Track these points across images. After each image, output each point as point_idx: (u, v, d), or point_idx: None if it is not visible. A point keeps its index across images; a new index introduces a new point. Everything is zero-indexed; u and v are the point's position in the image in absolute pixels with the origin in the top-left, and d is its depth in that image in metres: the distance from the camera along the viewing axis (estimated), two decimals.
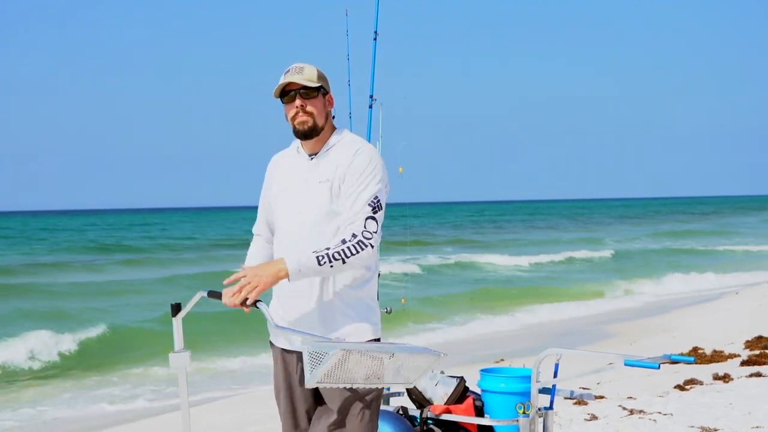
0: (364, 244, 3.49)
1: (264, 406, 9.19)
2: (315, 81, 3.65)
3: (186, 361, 4.00)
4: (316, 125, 3.65)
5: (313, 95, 3.67)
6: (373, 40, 5.48)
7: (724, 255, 32.44)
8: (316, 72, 3.68)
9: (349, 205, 3.57)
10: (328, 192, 3.60)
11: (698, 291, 21.40)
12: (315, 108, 3.66)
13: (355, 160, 3.61)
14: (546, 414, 4.67)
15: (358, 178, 3.59)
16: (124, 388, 11.20)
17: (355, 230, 3.50)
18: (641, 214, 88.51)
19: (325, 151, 3.69)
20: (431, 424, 4.71)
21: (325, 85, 3.71)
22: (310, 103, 3.66)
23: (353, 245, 3.46)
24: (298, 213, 3.66)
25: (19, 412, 9.96)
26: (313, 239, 3.57)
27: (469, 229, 60.65)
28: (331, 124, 3.74)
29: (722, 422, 7.00)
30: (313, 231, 3.60)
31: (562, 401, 7.87)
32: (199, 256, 36.04)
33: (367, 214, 3.54)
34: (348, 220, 3.55)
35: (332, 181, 3.61)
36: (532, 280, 25.83)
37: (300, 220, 3.64)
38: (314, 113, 3.65)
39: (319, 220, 3.60)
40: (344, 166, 3.61)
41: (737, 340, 11.95)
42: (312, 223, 3.61)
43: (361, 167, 3.61)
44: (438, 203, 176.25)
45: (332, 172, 3.62)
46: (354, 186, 3.58)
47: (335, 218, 3.59)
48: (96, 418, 9.52)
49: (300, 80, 3.63)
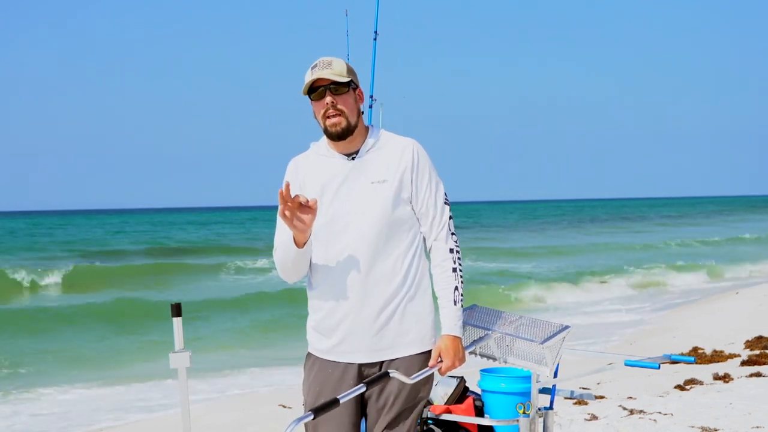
0: (459, 249, 3.52)
1: (264, 406, 9.19)
2: (345, 75, 3.41)
3: (186, 360, 4.01)
4: (349, 124, 3.41)
5: (344, 91, 3.42)
6: (373, 40, 5.48)
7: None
8: (345, 66, 3.44)
9: (431, 213, 3.48)
10: (389, 192, 3.41)
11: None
12: (346, 105, 3.41)
13: (418, 160, 3.46)
14: (546, 414, 4.67)
15: (428, 181, 3.47)
16: (125, 387, 11.19)
17: (450, 244, 3.48)
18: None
19: (367, 150, 3.48)
20: (431, 424, 4.71)
21: (355, 79, 3.47)
22: (341, 100, 3.41)
23: (459, 262, 3.50)
24: (361, 215, 3.41)
25: (18, 409, 9.95)
26: (380, 242, 3.41)
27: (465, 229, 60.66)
28: (362, 121, 3.52)
29: (722, 422, 7.00)
30: (381, 233, 3.41)
31: (562, 401, 7.87)
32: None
33: (449, 217, 3.51)
34: (437, 229, 3.49)
35: (390, 180, 3.42)
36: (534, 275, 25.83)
37: (361, 225, 3.41)
38: (345, 111, 3.41)
39: (385, 221, 3.41)
40: (401, 165, 3.44)
41: (737, 340, 11.96)
42: (377, 227, 3.41)
43: (425, 167, 3.48)
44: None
45: (385, 171, 3.43)
46: (427, 190, 3.47)
47: (405, 216, 3.44)
48: (96, 418, 9.51)
49: (329, 75, 3.36)
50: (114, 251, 38.22)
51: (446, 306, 3.44)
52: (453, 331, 3.43)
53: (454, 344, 3.44)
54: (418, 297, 3.48)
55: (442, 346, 3.44)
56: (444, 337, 3.44)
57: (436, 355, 3.44)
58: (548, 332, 4.04)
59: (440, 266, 3.47)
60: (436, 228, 3.48)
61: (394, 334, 3.45)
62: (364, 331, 3.45)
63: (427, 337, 3.52)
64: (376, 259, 3.41)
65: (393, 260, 3.43)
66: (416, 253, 3.48)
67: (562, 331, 4.09)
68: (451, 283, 3.45)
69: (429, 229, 3.49)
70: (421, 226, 3.51)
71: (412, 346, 3.48)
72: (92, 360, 13.48)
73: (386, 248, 3.42)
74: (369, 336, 3.45)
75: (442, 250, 3.46)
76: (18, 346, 14.50)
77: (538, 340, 3.95)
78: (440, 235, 3.47)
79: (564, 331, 4.10)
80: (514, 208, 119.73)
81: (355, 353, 3.48)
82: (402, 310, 3.45)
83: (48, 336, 15.64)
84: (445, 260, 3.46)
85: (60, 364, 13.03)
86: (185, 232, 56.24)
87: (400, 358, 3.48)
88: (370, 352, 3.47)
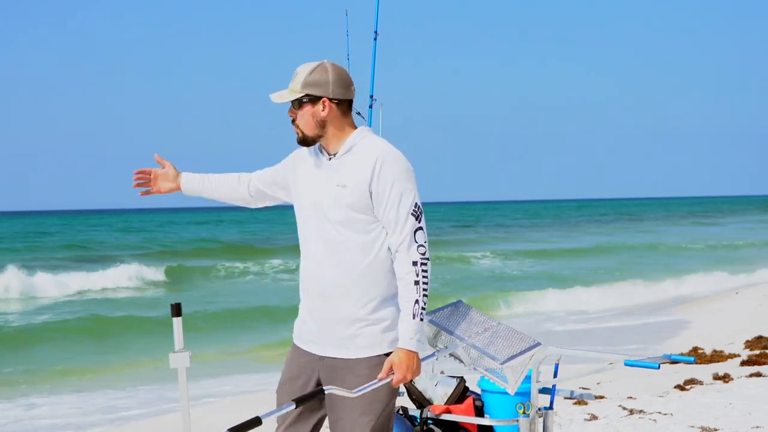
0: (425, 261, 3.50)
1: (264, 406, 9.19)
2: (298, 90, 3.53)
3: (186, 360, 4.00)
4: (306, 137, 3.57)
5: (299, 106, 3.56)
6: (373, 40, 5.48)
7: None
8: (303, 78, 3.53)
9: (393, 223, 3.50)
10: (347, 197, 3.51)
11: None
12: (301, 119, 3.56)
13: (380, 171, 3.49)
14: (546, 414, 4.67)
15: (390, 192, 3.49)
16: (125, 387, 11.19)
17: (413, 257, 3.47)
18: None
19: (343, 153, 3.57)
20: (431, 424, 4.71)
21: (316, 90, 3.53)
22: (298, 114, 3.57)
23: (422, 274, 3.48)
24: (320, 214, 3.58)
25: (11, 409, 9.96)
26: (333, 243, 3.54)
27: (467, 228, 60.66)
28: (341, 125, 3.57)
29: (722, 422, 7.00)
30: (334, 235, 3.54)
31: (562, 401, 7.87)
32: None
33: (414, 228, 3.49)
34: (398, 241, 3.49)
35: (349, 187, 3.51)
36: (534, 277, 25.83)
37: (320, 223, 3.58)
38: (300, 125, 3.57)
39: (339, 224, 3.53)
40: (364, 174, 3.49)
41: (737, 340, 11.96)
42: (331, 228, 3.55)
43: (388, 179, 3.49)
44: (438, 203, 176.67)
45: (351, 177, 3.52)
46: (387, 201, 3.49)
47: (355, 224, 3.51)
48: (95, 418, 9.52)
49: (276, 98, 3.57)
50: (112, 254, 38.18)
51: (404, 319, 3.47)
52: (407, 345, 3.46)
53: (407, 358, 3.46)
54: (369, 303, 3.53)
55: (395, 359, 3.46)
56: (398, 350, 3.47)
57: (387, 367, 3.47)
58: (516, 349, 4.01)
59: (402, 279, 3.49)
60: (396, 239, 3.50)
61: (341, 336, 3.56)
62: (315, 322, 3.63)
63: (376, 343, 3.54)
64: (330, 260, 3.54)
65: (346, 264, 3.52)
66: (374, 260, 3.52)
67: (529, 350, 4.06)
68: (411, 297, 3.46)
69: (391, 240, 3.51)
70: (388, 236, 3.55)
71: (360, 350, 3.55)
72: (92, 360, 13.48)
73: (338, 250, 3.53)
74: (322, 330, 3.61)
75: (405, 263, 3.49)
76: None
77: (500, 359, 3.94)
78: (401, 246, 3.49)
79: (533, 349, 4.07)
80: (517, 208, 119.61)
81: (310, 343, 3.66)
82: (345, 311, 3.54)
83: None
84: (408, 273, 3.48)
85: (56, 368, 13.02)
86: (184, 232, 56.25)
87: (349, 359, 3.56)
88: (323, 346, 3.61)
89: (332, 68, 3.55)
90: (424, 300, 3.46)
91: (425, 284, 3.47)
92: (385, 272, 3.54)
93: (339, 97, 3.55)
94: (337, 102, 3.55)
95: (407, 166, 3.54)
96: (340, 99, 3.55)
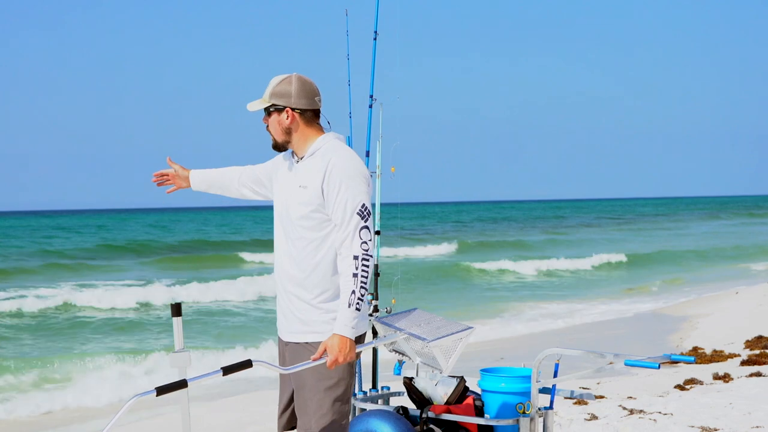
0: (367, 257, 3.81)
1: (264, 406, 9.19)
2: (266, 101, 3.93)
3: (186, 360, 4.01)
4: (276, 143, 3.98)
5: (268, 114, 3.96)
6: (373, 40, 5.49)
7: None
8: (271, 89, 3.92)
9: (339, 221, 3.83)
10: (306, 197, 3.86)
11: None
12: (271, 127, 3.97)
13: (331, 173, 3.83)
14: (546, 414, 4.67)
15: (337, 193, 3.82)
16: (124, 386, 11.18)
17: (354, 251, 3.80)
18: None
19: (307, 156, 3.94)
20: (431, 424, 4.71)
21: (280, 101, 3.90)
22: (269, 122, 3.98)
23: (362, 268, 3.78)
24: (285, 213, 3.95)
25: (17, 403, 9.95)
26: (292, 238, 3.92)
27: (469, 228, 60.66)
28: (306, 131, 3.93)
29: (722, 422, 7.00)
30: (293, 231, 3.92)
31: (562, 401, 7.87)
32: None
33: (360, 226, 3.81)
34: (342, 236, 3.82)
35: (309, 187, 3.86)
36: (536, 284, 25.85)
37: (283, 220, 3.97)
38: (271, 132, 3.98)
39: (297, 222, 3.89)
40: (320, 175, 3.84)
41: (737, 340, 11.96)
42: (291, 225, 3.92)
43: (337, 180, 3.82)
44: (442, 203, 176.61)
45: (310, 179, 3.87)
46: (335, 201, 3.82)
47: (310, 222, 3.86)
48: (95, 418, 9.52)
49: (250, 107, 3.95)
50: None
51: (341, 308, 3.79)
52: (341, 331, 3.77)
53: (341, 343, 3.77)
54: (321, 295, 3.89)
55: (329, 343, 3.79)
56: (333, 335, 3.79)
57: (321, 350, 3.80)
58: (445, 332, 4.20)
59: (343, 272, 3.81)
60: (341, 235, 3.83)
61: (290, 320, 3.97)
62: (281, 310, 4.04)
63: (327, 331, 3.87)
64: (289, 254, 3.94)
65: (301, 258, 3.90)
66: (325, 255, 3.88)
67: (459, 332, 4.21)
68: (349, 287, 3.77)
69: (336, 236, 3.85)
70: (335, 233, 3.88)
71: (301, 335, 3.95)
72: (92, 361, 13.47)
73: (296, 246, 3.91)
74: (283, 318, 4.03)
75: (346, 257, 3.81)
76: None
77: (428, 339, 4.12)
78: (345, 242, 3.81)
79: (463, 332, 4.22)
80: (519, 208, 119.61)
81: (280, 330, 4.09)
82: (299, 301, 3.92)
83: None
84: (349, 266, 3.79)
85: (55, 366, 13.01)
86: (185, 232, 56.31)
87: (293, 342, 3.98)
88: (286, 332, 4.03)
89: (297, 80, 3.92)
90: (361, 291, 3.77)
91: (364, 278, 3.78)
92: (336, 268, 3.89)
93: (302, 107, 3.92)
94: (300, 111, 3.91)
95: (358, 170, 3.88)
96: (303, 108, 3.92)
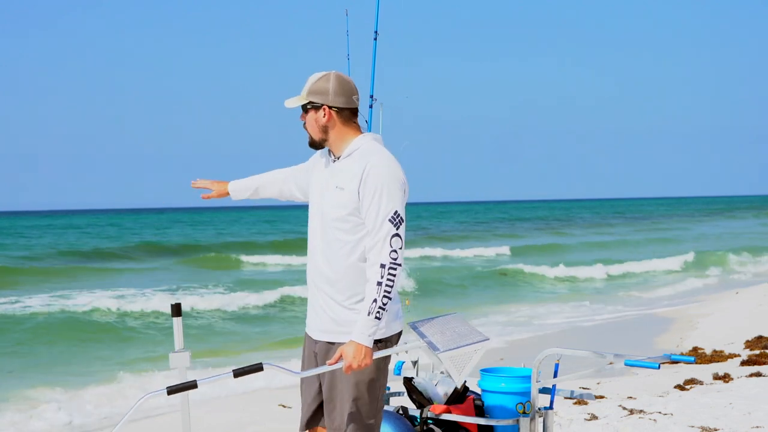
0: (394, 266, 3.73)
1: (264, 406, 9.20)
2: (303, 98, 3.87)
3: (186, 360, 4.01)
4: (312, 140, 3.92)
5: (305, 112, 3.91)
6: (374, 40, 5.48)
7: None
8: (309, 87, 3.87)
9: (371, 226, 3.76)
10: (343, 199, 3.80)
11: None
12: (307, 124, 3.92)
13: (368, 177, 3.76)
14: (546, 414, 4.68)
15: (372, 198, 3.74)
16: (124, 386, 11.19)
17: (382, 259, 3.71)
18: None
19: (344, 157, 3.88)
20: (431, 424, 4.71)
21: (318, 98, 3.84)
22: (306, 120, 3.92)
23: (388, 277, 3.71)
24: (320, 212, 3.89)
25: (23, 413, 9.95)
26: (327, 240, 3.86)
27: (471, 227, 60.67)
28: (343, 130, 3.88)
29: (722, 422, 7.01)
30: (328, 233, 3.86)
31: (562, 401, 7.87)
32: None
33: (391, 234, 3.73)
34: (372, 243, 3.75)
35: (346, 189, 3.79)
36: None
37: (319, 221, 3.90)
38: (307, 129, 3.93)
39: (333, 223, 3.83)
40: (357, 179, 3.77)
41: (737, 340, 11.96)
42: (326, 226, 3.86)
43: (373, 185, 3.75)
44: (440, 203, 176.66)
45: (347, 181, 3.80)
46: (369, 206, 3.75)
47: (346, 224, 3.80)
48: (95, 418, 9.52)
49: (287, 104, 3.90)
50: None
51: (361, 315, 3.73)
52: (358, 339, 3.72)
53: (356, 350, 3.71)
54: (352, 297, 3.83)
55: (345, 349, 3.74)
56: (350, 341, 3.74)
57: (337, 355, 3.75)
58: (460, 342, 4.13)
59: (369, 279, 3.74)
60: (371, 241, 3.76)
61: (323, 319, 3.91)
62: (312, 308, 3.98)
63: (345, 332, 3.83)
64: (323, 254, 3.88)
65: (335, 259, 3.84)
66: (359, 259, 3.82)
67: (474, 344, 4.11)
68: (371, 295, 3.70)
69: (367, 242, 3.78)
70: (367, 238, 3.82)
71: (335, 335, 3.89)
72: (92, 360, 13.48)
73: (331, 247, 3.84)
74: (315, 316, 3.97)
75: (374, 264, 3.73)
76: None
77: (440, 349, 4.05)
78: (374, 248, 3.73)
79: (477, 344, 4.11)
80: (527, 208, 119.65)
81: (310, 329, 4.02)
82: (332, 301, 3.87)
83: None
84: (374, 273, 3.72)
85: (55, 367, 13.02)
86: (184, 231, 56.30)
87: (324, 341, 3.93)
88: (317, 331, 3.97)
89: (335, 78, 3.86)
90: (383, 301, 3.69)
91: (389, 287, 3.70)
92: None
93: (339, 106, 3.86)
94: (338, 110, 3.85)
95: (395, 176, 3.79)
96: (340, 107, 3.85)
